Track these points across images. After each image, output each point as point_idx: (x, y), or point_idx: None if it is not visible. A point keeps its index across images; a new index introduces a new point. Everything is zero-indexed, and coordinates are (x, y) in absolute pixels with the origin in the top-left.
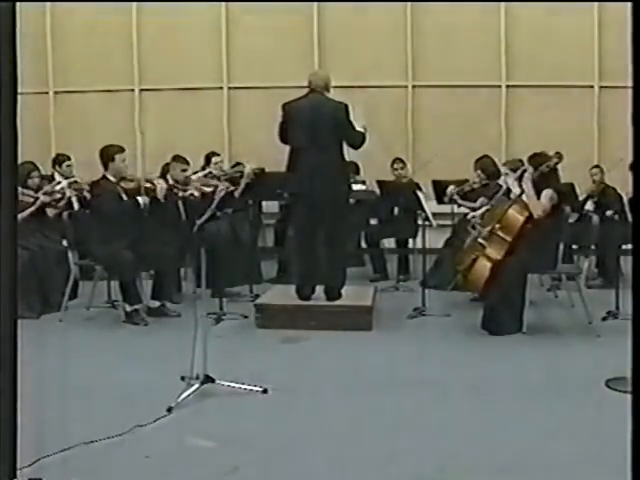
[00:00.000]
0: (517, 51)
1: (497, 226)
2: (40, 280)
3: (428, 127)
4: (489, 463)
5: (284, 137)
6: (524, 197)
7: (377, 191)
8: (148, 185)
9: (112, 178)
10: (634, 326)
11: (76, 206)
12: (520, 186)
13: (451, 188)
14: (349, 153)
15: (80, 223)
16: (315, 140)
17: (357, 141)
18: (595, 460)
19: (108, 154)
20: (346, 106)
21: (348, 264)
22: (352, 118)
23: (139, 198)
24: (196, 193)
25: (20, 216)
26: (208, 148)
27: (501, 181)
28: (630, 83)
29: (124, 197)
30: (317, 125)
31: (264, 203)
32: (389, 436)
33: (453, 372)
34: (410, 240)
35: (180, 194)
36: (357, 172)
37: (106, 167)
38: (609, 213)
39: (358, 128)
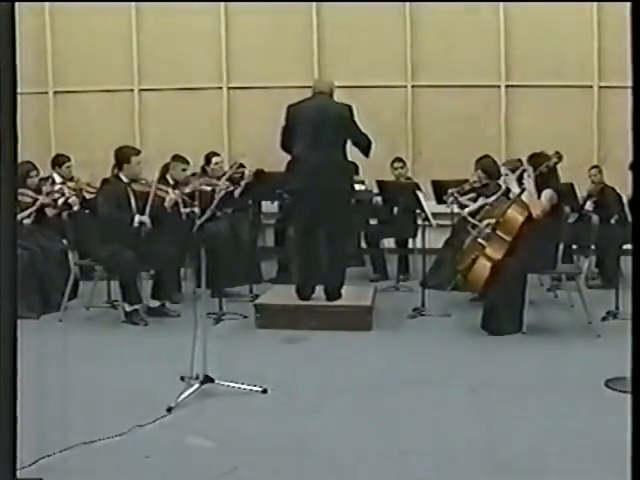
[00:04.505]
0: (517, 51)
1: (497, 226)
2: (40, 280)
3: (428, 127)
4: (488, 463)
5: (285, 143)
6: (524, 197)
7: (375, 191)
8: (159, 192)
9: (125, 179)
10: (634, 326)
11: (76, 206)
12: (520, 186)
13: (450, 191)
14: (351, 152)
15: (80, 223)
16: (319, 140)
17: (364, 142)
18: (595, 460)
19: (124, 155)
20: (350, 107)
21: (348, 264)
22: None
23: (141, 218)
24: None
25: (20, 216)
26: (208, 148)
27: (501, 181)
28: (630, 83)
29: (132, 199)
30: (321, 125)
31: (264, 203)
32: (389, 436)
33: (453, 372)
34: (410, 240)
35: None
36: (356, 172)
37: (120, 168)
38: (609, 214)
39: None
